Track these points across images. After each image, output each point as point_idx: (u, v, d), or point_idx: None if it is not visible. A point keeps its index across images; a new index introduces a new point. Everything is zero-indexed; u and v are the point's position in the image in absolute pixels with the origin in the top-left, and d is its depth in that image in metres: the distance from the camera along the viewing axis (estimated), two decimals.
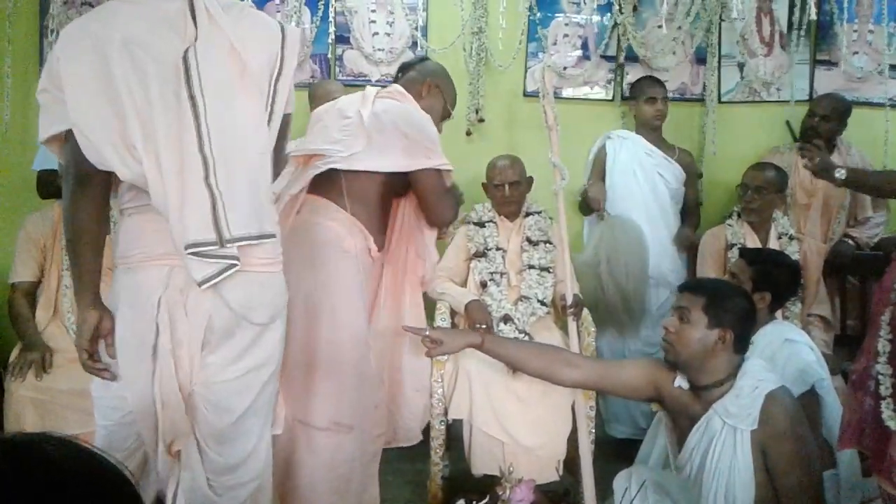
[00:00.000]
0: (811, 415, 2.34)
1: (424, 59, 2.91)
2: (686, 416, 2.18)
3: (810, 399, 2.51)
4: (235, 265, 1.70)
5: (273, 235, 1.80)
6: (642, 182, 3.70)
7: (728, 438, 2.05)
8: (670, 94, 3.92)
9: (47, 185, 3.34)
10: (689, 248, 3.67)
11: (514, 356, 2.40)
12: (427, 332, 2.35)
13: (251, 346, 1.80)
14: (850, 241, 3.67)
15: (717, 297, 2.12)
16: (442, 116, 2.64)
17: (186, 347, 1.73)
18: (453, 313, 3.30)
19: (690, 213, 3.84)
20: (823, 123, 3.68)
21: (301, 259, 2.24)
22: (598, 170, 3.79)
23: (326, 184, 2.40)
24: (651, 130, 3.77)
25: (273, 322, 1.84)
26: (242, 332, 1.78)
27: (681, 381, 2.18)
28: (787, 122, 3.86)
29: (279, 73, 1.84)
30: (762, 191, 3.37)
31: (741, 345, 2.12)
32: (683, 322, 2.11)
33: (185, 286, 1.72)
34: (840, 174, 2.83)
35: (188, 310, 1.73)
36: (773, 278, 2.42)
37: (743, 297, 2.21)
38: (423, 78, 2.62)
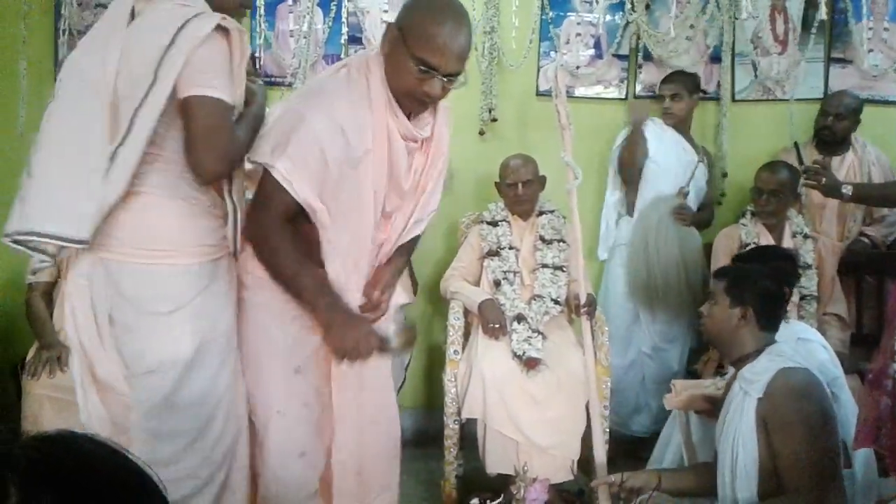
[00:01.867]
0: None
1: None
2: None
3: None
4: None
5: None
6: (679, 175, 3.69)
7: (738, 402, 2.12)
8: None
9: None
10: (684, 218, 3.61)
11: (689, 487, 2.40)
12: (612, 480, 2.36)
13: None
14: (866, 240, 3.65)
15: (736, 278, 2.25)
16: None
17: None
18: (466, 312, 3.31)
19: (704, 208, 3.82)
20: (838, 122, 3.66)
21: None
22: (636, 139, 3.69)
23: None
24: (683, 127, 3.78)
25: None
26: None
27: None
28: (795, 144, 3.83)
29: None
30: (777, 194, 3.35)
31: (767, 322, 2.20)
32: (712, 304, 2.25)
33: None
34: (846, 191, 2.98)
35: None
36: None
37: (767, 277, 2.29)
38: None
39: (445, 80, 1.86)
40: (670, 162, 3.69)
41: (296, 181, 1.84)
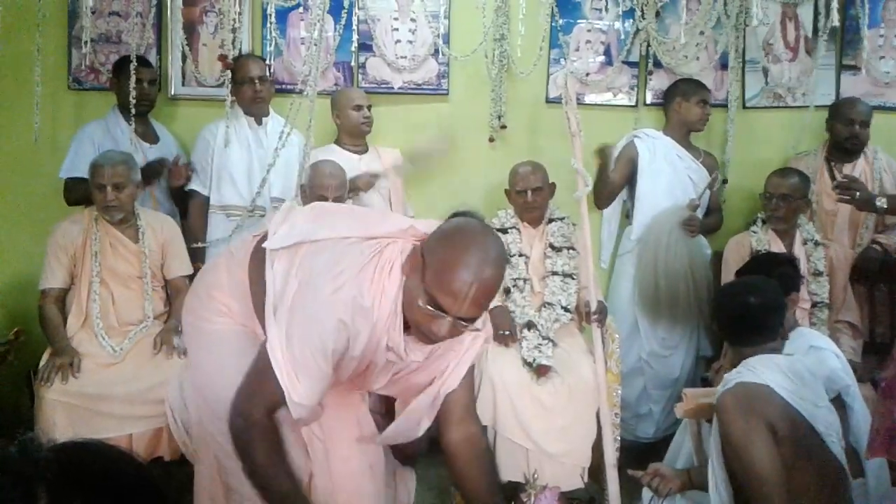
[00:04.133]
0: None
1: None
2: None
3: (837, 407, 2.48)
4: None
5: None
6: (674, 184, 3.70)
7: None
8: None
9: (75, 192, 3.40)
10: (693, 230, 3.60)
11: None
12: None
13: None
14: (879, 248, 3.62)
15: (719, 323, 2.33)
16: None
17: None
18: None
19: (711, 213, 3.83)
20: (863, 130, 3.65)
21: None
22: (624, 166, 3.74)
23: None
24: (684, 133, 3.78)
25: None
26: None
27: None
28: (827, 158, 3.79)
29: None
30: (787, 198, 3.35)
31: (738, 339, 2.30)
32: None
33: None
34: (881, 203, 3.05)
35: None
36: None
37: (737, 303, 2.33)
38: None
39: (458, 322, 1.71)
40: (659, 182, 3.70)
41: (306, 401, 1.76)
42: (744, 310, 2.29)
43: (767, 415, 2.02)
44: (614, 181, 3.70)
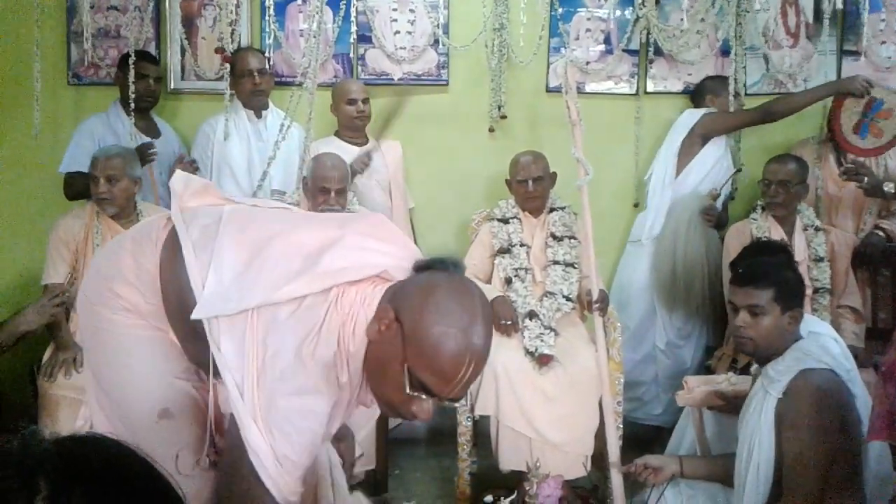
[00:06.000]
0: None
1: None
2: None
3: None
4: None
5: None
6: (714, 174, 3.72)
7: (759, 401, 2.11)
8: (695, 87, 3.98)
9: (74, 186, 3.41)
10: (711, 220, 3.61)
11: (711, 474, 2.40)
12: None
13: None
14: (881, 233, 3.62)
15: (783, 284, 2.15)
16: None
17: None
18: None
19: (724, 208, 3.82)
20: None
21: None
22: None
23: None
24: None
25: None
26: None
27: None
28: (835, 145, 3.79)
29: None
30: (786, 184, 3.34)
31: (796, 298, 2.19)
32: (758, 315, 2.14)
33: None
34: (889, 188, 3.10)
35: None
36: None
37: (792, 269, 2.27)
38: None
39: (444, 401, 1.47)
40: (715, 158, 3.72)
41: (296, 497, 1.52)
42: (793, 265, 2.30)
43: (842, 407, 2.03)
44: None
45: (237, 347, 1.49)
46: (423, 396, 1.43)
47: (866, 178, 3.11)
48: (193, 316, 1.52)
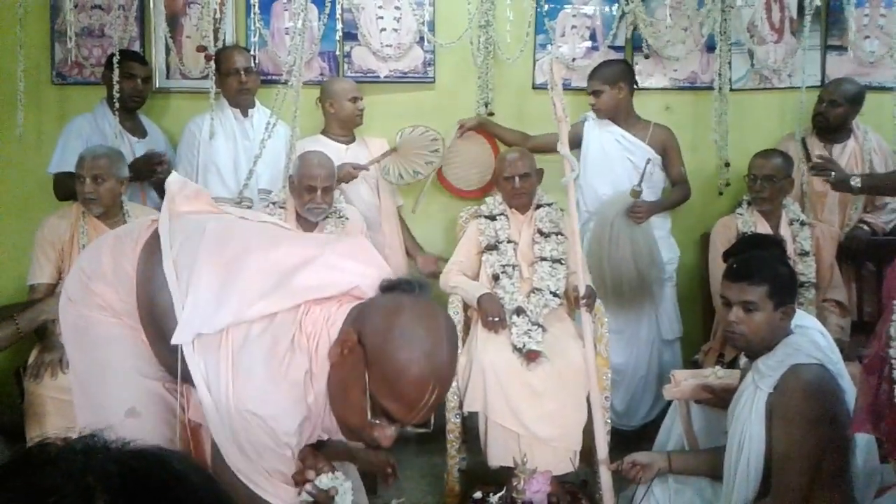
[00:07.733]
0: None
1: None
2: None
3: None
4: None
5: None
6: (620, 170, 3.63)
7: (749, 395, 2.11)
8: (680, 83, 3.99)
9: (64, 186, 3.39)
10: (640, 217, 3.50)
11: (699, 469, 2.42)
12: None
13: None
14: (866, 227, 3.65)
15: (776, 280, 2.15)
16: None
17: None
18: (466, 307, 3.31)
19: (676, 186, 3.69)
20: (830, 108, 3.66)
21: None
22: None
23: None
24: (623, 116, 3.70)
25: None
26: None
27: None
28: (803, 140, 3.79)
29: None
30: (771, 179, 3.36)
31: (790, 295, 2.19)
32: (751, 311, 2.13)
33: None
34: (855, 182, 3.06)
35: None
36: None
37: (786, 265, 2.26)
38: None
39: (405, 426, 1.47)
40: (608, 158, 3.64)
41: None
42: (786, 261, 2.29)
43: (833, 401, 2.04)
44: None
45: (212, 366, 1.49)
46: (388, 424, 1.43)
47: (833, 173, 3.11)
48: (173, 341, 1.52)
